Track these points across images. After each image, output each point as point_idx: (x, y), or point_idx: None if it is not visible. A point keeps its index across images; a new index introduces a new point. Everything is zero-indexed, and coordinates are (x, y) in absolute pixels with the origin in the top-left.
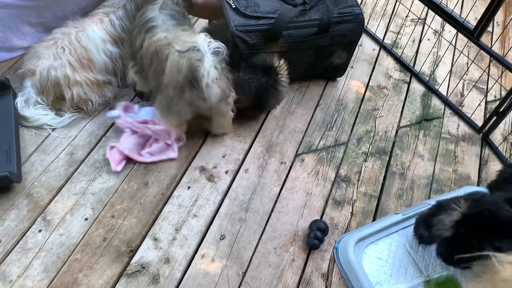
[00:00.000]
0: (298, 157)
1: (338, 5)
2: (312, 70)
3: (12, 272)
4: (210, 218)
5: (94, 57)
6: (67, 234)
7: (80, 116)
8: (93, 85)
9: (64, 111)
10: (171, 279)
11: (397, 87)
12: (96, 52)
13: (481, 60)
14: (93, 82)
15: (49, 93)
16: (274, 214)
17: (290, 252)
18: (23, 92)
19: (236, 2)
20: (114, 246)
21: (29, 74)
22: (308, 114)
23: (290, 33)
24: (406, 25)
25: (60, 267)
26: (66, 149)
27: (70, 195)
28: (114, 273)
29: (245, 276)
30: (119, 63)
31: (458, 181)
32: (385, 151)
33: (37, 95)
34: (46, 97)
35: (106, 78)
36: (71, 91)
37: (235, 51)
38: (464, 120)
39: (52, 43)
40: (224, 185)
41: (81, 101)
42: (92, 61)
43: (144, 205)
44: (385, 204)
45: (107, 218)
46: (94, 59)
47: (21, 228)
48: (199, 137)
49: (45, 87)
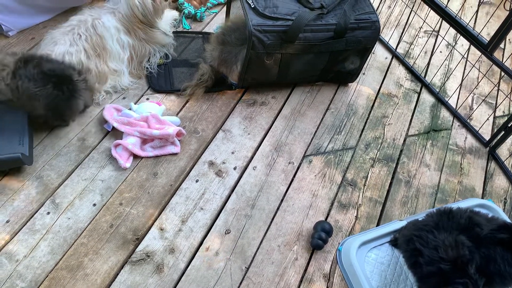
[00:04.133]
0: (306, 158)
1: (356, 11)
2: (325, 74)
3: (19, 251)
4: (216, 212)
5: (108, 45)
6: (75, 218)
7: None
8: (102, 74)
9: None
10: (175, 269)
11: (407, 96)
12: (110, 40)
13: (492, 76)
14: (102, 70)
15: None
16: (280, 213)
17: (294, 251)
18: None
19: (255, 2)
20: (121, 233)
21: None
22: (318, 117)
23: (306, 36)
24: (419, 36)
25: (66, 250)
26: (78, 134)
27: (79, 180)
28: (119, 259)
29: (248, 272)
30: (127, 53)
31: (462, 193)
32: (392, 158)
33: None
34: None
35: (116, 67)
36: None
37: (252, 50)
38: (471, 133)
39: (69, 29)
40: (231, 181)
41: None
42: (105, 49)
43: (152, 195)
44: (389, 210)
45: (115, 205)
46: (108, 48)
47: (29, 209)
48: (209, 132)
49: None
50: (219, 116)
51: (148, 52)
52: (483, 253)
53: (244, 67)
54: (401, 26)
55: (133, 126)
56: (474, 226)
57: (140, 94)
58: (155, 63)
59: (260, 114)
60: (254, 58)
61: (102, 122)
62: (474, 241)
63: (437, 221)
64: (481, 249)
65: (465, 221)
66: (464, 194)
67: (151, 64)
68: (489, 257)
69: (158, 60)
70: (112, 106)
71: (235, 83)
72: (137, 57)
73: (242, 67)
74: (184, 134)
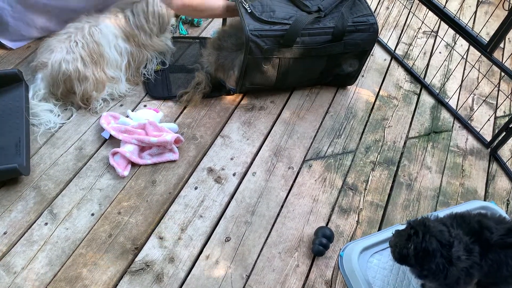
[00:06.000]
0: (306, 163)
1: (353, 14)
2: (323, 77)
3: (16, 263)
4: (216, 220)
5: (105, 52)
6: (73, 228)
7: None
8: (99, 82)
9: (71, 108)
10: (175, 279)
11: (407, 98)
12: (107, 47)
13: (492, 76)
14: (99, 78)
15: (58, 87)
16: (280, 219)
17: (295, 257)
18: (34, 85)
19: (252, 6)
20: (119, 243)
21: (41, 67)
22: (317, 120)
23: (304, 40)
24: (418, 37)
25: (64, 261)
26: (75, 143)
27: (77, 190)
28: (118, 270)
29: (249, 280)
30: (125, 60)
31: (464, 195)
32: (393, 161)
33: (46, 88)
34: (55, 91)
35: (114, 74)
36: (82, 85)
37: (249, 55)
38: (473, 134)
39: (66, 37)
40: (231, 187)
41: (88, 96)
42: (102, 57)
43: (150, 203)
44: (391, 215)
45: (113, 215)
46: (105, 55)
47: (27, 220)
48: (208, 138)
49: (55, 80)
50: (218, 121)
51: (146, 58)
52: (490, 260)
53: (242, 72)
54: (400, 27)
55: (131, 133)
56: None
57: (138, 101)
58: (152, 69)
59: (259, 119)
60: (252, 63)
61: (99, 130)
62: (483, 246)
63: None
64: (489, 255)
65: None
66: (466, 196)
67: (148, 70)
68: (500, 262)
69: (155, 66)
70: (109, 113)
71: (233, 88)
72: (135, 63)
73: (240, 72)
74: (183, 141)
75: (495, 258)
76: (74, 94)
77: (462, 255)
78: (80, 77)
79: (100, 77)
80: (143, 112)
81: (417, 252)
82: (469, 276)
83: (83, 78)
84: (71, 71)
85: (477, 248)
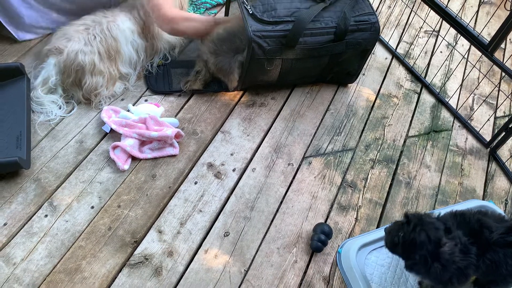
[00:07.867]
0: (305, 159)
1: (355, 12)
2: (324, 76)
3: (16, 255)
4: (215, 215)
5: (122, 49)
6: (73, 221)
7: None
8: (112, 78)
9: (72, 101)
10: (174, 272)
11: (407, 97)
12: (124, 44)
13: (492, 76)
14: (113, 74)
15: (69, 75)
16: (279, 215)
17: (293, 253)
18: (45, 70)
19: (253, 7)
20: (119, 236)
21: (55, 52)
22: (318, 118)
23: (306, 40)
24: (420, 36)
25: (64, 253)
26: (76, 137)
27: (77, 183)
28: (117, 262)
29: (247, 274)
30: (141, 56)
31: (463, 194)
32: (392, 159)
33: (58, 75)
34: (65, 79)
35: (127, 71)
36: (92, 79)
37: (252, 56)
38: (472, 134)
39: (83, 28)
40: (230, 183)
41: (94, 91)
42: (119, 53)
43: (150, 197)
44: (389, 212)
45: (113, 208)
46: (122, 51)
47: (27, 212)
48: (208, 133)
49: (68, 68)
50: (218, 117)
51: (155, 51)
52: (488, 259)
53: (244, 73)
54: (401, 26)
55: (131, 128)
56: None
57: (139, 96)
58: (155, 64)
59: (259, 115)
60: (254, 64)
61: (100, 124)
62: (482, 245)
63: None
64: (487, 255)
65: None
66: (465, 195)
67: (152, 63)
68: (499, 261)
69: (157, 61)
70: (110, 107)
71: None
72: (146, 58)
73: (241, 74)
74: (183, 135)
75: (494, 257)
76: (79, 88)
77: (457, 256)
78: (94, 70)
79: (114, 74)
80: (144, 106)
81: (404, 241)
82: (464, 276)
83: (97, 72)
84: (87, 63)
85: (474, 249)
